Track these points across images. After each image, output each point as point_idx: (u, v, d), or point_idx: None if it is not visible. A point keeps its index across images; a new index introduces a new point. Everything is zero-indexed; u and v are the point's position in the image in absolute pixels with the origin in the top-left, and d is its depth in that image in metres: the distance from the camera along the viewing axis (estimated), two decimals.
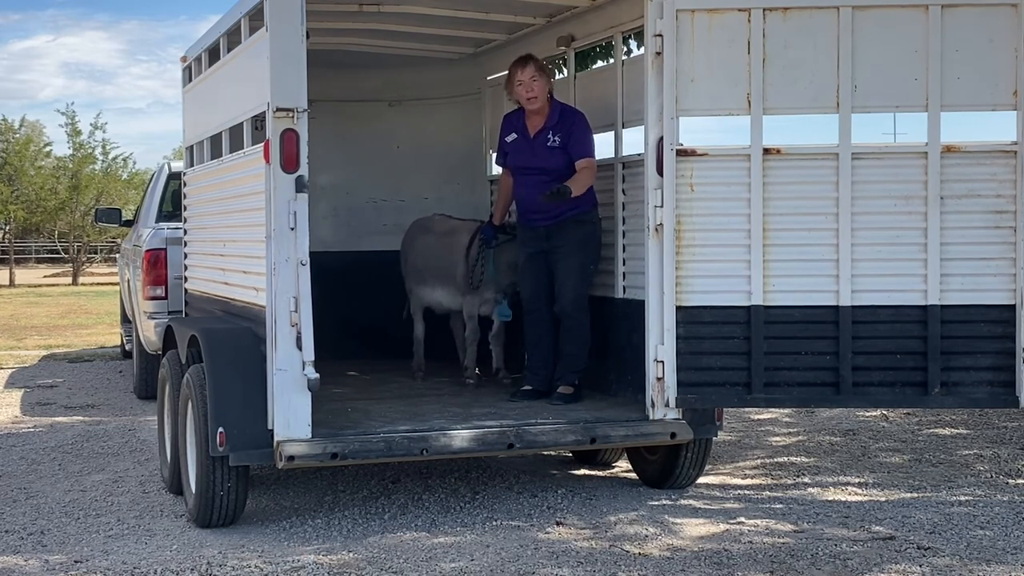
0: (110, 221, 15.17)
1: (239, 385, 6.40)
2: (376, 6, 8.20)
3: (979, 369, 6.84)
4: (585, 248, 7.54)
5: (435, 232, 8.70)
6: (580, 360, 7.54)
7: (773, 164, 6.73)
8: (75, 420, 10.48)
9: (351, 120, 9.97)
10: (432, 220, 8.92)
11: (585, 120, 7.64)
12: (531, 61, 7.67)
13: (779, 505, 7.08)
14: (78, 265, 40.40)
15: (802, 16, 6.74)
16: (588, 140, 7.62)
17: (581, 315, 7.53)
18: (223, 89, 7.78)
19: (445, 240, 8.52)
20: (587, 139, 7.61)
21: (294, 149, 6.19)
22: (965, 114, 7.01)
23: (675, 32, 6.67)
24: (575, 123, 7.60)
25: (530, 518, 6.78)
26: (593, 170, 7.51)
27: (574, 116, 7.66)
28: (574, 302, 7.51)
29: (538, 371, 7.69)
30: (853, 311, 6.74)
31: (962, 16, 6.74)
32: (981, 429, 9.50)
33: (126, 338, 14.10)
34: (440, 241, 8.57)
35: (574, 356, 7.54)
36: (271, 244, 6.24)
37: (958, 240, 6.78)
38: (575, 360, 7.54)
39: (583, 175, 7.47)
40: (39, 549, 6.39)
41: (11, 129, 44.33)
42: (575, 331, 7.55)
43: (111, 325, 19.22)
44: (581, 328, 7.54)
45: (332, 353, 7.08)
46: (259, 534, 6.54)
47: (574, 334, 7.56)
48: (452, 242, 8.40)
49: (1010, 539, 6.29)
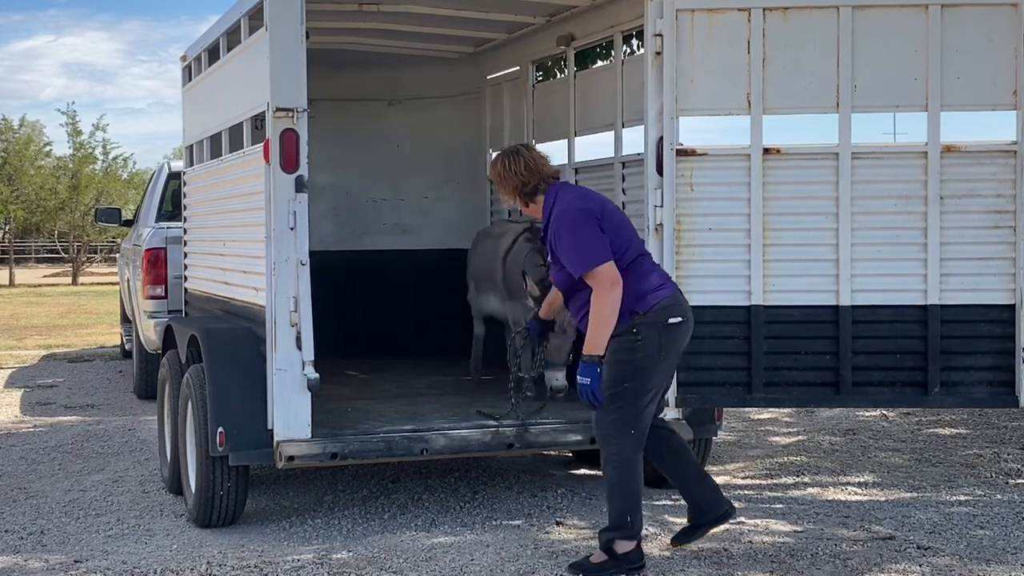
0: (110, 221, 15.17)
1: (239, 385, 6.39)
2: (376, 6, 8.20)
3: (979, 369, 6.84)
4: (615, 361, 5.67)
5: (490, 236, 8.51)
6: (611, 512, 5.79)
7: (773, 164, 6.73)
8: (75, 420, 10.48)
9: (351, 120, 9.97)
10: (492, 225, 8.80)
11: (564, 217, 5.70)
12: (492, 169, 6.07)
13: (779, 505, 7.07)
14: (78, 265, 40.38)
15: (802, 16, 6.74)
16: (573, 247, 5.66)
17: (606, 445, 5.78)
18: (223, 89, 7.78)
19: (493, 244, 8.28)
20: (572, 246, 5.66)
21: (294, 149, 6.19)
22: (965, 114, 7.02)
23: (675, 32, 6.67)
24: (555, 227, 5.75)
25: (530, 518, 6.78)
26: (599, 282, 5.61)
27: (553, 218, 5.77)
28: (597, 427, 5.85)
29: (690, 495, 6.08)
30: (853, 311, 6.74)
31: (962, 16, 6.74)
32: (981, 429, 9.50)
33: (126, 338, 14.10)
34: (490, 245, 8.35)
35: (607, 506, 5.86)
36: (271, 244, 6.24)
37: (958, 240, 6.78)
38: (608, 510, 5.84)
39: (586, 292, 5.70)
40: (39, 549, 6.39)
41: (11, 129, 44.34)
42: (603, 467, 5.86)
43: (111, 325, 19.21)
44: (607, 467, 5.80)
45: (332, 353, 7.07)
46: (259, 534, 6.53)
47: (604, 472, 5.87)
48: (497, 246, 8.16)
49: (1010, 539, 6.29)
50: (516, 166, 5.87)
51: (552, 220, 5.76)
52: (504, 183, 5.91)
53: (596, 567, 5.74)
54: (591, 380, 5.61)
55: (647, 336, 5.67)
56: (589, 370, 5.62)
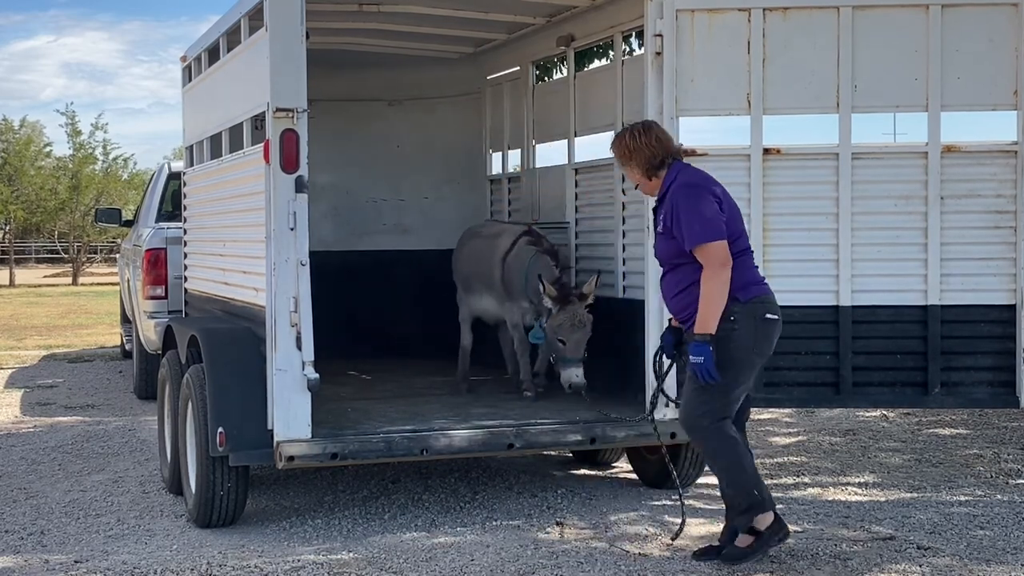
0: (110, 221, 15.18)
1: (239, 385, 6.39)
2: (376, 6, 8.20)
3: (979, 369, 6.85)
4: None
5: (481, 237, 8.51)
6: (730, 498, 5.86)
7: (773, 164, 6.73)
8: (75, 420, 10.48)
9: (351, 120, 9.97)
10: (481, 225, 8.82)
11: (688, 190, 5.79)
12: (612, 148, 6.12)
13: (779, 505, 7.05)
14: (78, 265, 40.41)
15: (802, 16, 6.74)
16: (692, 218, 5.68)
17: (696, 437, 5.90)
18: (223, 89, 7.78)
19: (486, 244, 8.30)
20: (691, 217, 5.69)
21: (294, 149, 6.19)
22: (965, 114, 7.03)
23: (675, 32, 6.67)
24: (675, 197, 5.81)
25: (530, 518, 6.78)
26: (710, 258, 5.65)
27: (675, 189, 5.85)
28: (686, 421, 5.91)
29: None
30: (853, 311, 6.74)
31: (962, 16, 6.74)
32: (981, 429, 9.49)
33: (126, 338, 14.11)
34: (482, 246, 8.36)
35: (723, 493, 5.95)
36: (271, 244, 6.23)
37: (958, 240, 6.79)
38: (726, 497, 5.92)
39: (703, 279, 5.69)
40: (39, 549, 6.39)
41: (11, 129, 44.36)
42: (707, 459, 6.08)
43: (111, 325, 19.21)
44: (709, 456, 5.95)
45: (332, 353, 7.07)
46: (259, 534, 6.53)
47: (709, 463, 6.05)
48: (492, 246, 8.17)
49: (1010, 539, 6.29)
50: (647, 138, 5.89)
51: (671, 191, 5.80)
52: (634, 155, 5.89)
53: (748, 550, 5.78)
54: (704, 358, 5.64)
55: (743, 327, 5.70)
56: (702, 349, 5.65)
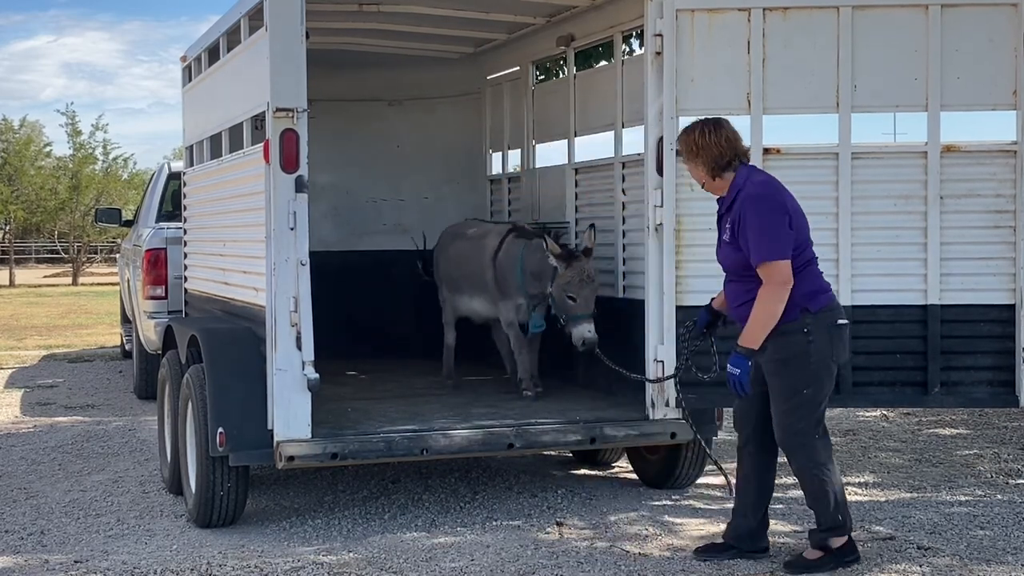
0: (110, 221, 15.19)
1: (239, 385, 6.39)
2: (376, 6, 8.20)
3: (979, 369, 6.85)
4: (788, 367, 5.70)
5: (466, 238, 8.48)
6: (821, 515, 5.80)
7: (773, 164, 6.72)
8: (75, 420, 10.48)
9: (351, 120, 9.97)
10: (464, 224, 8.82)
11: (759, 203, 5.64)
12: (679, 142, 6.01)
13: (779, 505, 7.06)
14: (78, 265, 40.41)
15: (802, 16, 6.74)
16: (760, 234, 5.57)
17: (796, 454, 5.77)
18: (223, 89, 7.78)
19: (472, 245, 8.28)
20: (759, 233, 5.57)
21: (294, 149, 6.19)
22: (965, 114, 7.02)
23: (675, 32, 6.67)
24: (744, 208, 5.67)
25: (530, 518, 6.78)
26: (772, 277, 5.59)
27: (744, 198, 5.69)
28: (782, 438, 5.79)
29: (743, 515, 6.01)
30: (853, 311, 6.73)
31: (962, 16, 6.74)
32: (981, 429, 9.50)
33: (126, 338, 14.11)
34: (468, 246, 8.34)
35: (813, 510, 5.88)
36: (271, 244, 6.24)
37: (958, 240, 6.79)
38: (816, 513, 5.85)
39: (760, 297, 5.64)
40: (39, 549, 6.39)
41: (11, 129, 44.37)
42: (799, 476, 5.87)
43: (111, 325, 19.21)
44: (804, 474, 5.80)
45: (332, 353, 7.08)
46: (259, 534, 6.53)
47: (801, 480, 5.89)
48: (479, 247, 8.16)
49: (1010, 539, 6.29)
50: (717, 136, 5.75)
51: (741, 199, 5.66)
52: (701, 152, 5.76)
53: (815, 563, 5.76)
54: (740, 371, 5.69)
55: (819, 337, 5.67)
56: (741, 362, 5.70)
